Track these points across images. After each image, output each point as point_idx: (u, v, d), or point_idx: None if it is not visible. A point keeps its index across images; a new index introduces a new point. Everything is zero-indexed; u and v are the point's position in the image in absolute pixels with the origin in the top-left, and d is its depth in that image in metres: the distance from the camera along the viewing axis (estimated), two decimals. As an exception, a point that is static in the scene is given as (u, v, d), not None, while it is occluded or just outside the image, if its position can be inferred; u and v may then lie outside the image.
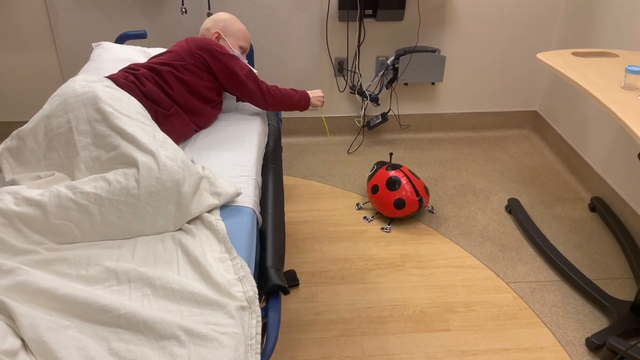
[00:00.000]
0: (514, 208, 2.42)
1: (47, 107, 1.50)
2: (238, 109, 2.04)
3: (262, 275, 1.36)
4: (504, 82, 3.05)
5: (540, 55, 1.96)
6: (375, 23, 2.82)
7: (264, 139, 1.96)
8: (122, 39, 2.37)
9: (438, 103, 3.08)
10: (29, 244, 1.25)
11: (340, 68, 2.91)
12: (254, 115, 2.00)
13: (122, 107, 1.48)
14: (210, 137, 1.83)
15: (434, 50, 2.84)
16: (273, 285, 1.30)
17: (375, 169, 2.45)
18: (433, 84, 3.02)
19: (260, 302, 1.23)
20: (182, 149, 1.56)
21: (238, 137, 1.84)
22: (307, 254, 2.19)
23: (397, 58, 2.83)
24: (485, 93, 3.08)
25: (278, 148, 2.00)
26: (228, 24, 1.99)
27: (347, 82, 2.96)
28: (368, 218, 2.40)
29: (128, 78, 1.67)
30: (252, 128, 1.91)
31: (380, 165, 2.45)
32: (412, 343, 1.79)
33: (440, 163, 2.86)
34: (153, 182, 1.32)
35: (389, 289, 2.01)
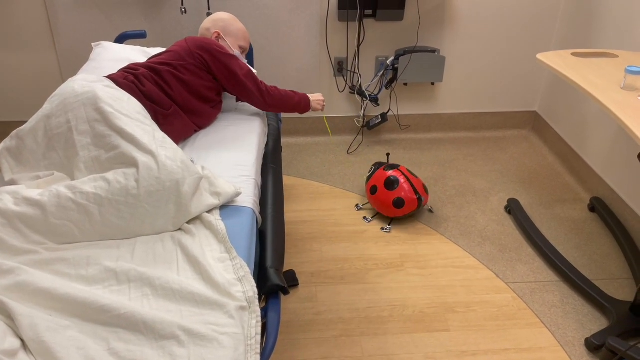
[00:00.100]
0: (514, 208, 2.42)
1: (46, 106, 1.50)
2: (238, 109, 2.04)
3: (261, 276, 1.36)
4: (504, 82, 3.05)
5: (540, 56, 1.96)
6: (375, 23, 2.82)
7: (264, 139, 1.96)
8: (121, 39, 2.37)
9: (438, 103, 3.08)
10: (29, 244, 1.25)
11: (340, 68, 2.91)
12: (254, 115, 2.00)
13: (121, 107, 1.48)
14: (210, 137, 1.83)
15: (434, 51, 2.84)
16: (273, 286, 1.30)
17: (373, 170, 2.46)
18: (433, 84, 3.02)
19: (260, 302, 1.23)
20: (181, 149, 1.56)
21: (238, 137, 1.84)
22: (306, 254, 2.19)
23: (396, 58, 2.83)
24: (485, 93, 3.08)
25: (278, 148, 2.00)
26: (228, 24, 1.99)
27: (346, 82, 2.96)
28: (368, 218, 2.40)
29: (128, 78, 1.67)
30: (251, 128, 1.91)
31: (378, 166, 2.45)
32: (411, 343, 1.79)
33: (440, 163, 2.86)
34: (153, 182, 1.32)
35: (389, 289, 2.01)
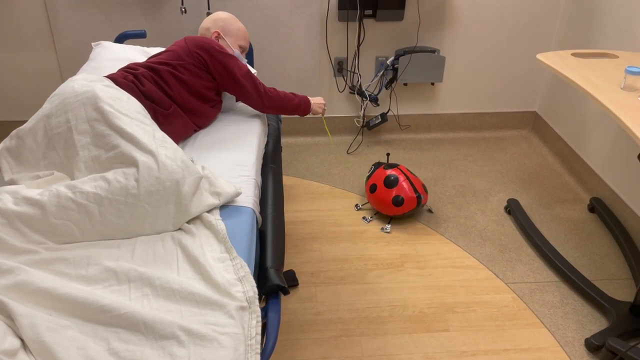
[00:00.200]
0: (514, 209, 2.42)
1: (46, 106, 1.50)
2: (238, 109, 2.04)
3: (261, 275, 1.36)
4: (504, 82, 3.05)
5: (540, 56, 1.96)
6: (375, 23, 2.82)
7: (264, 139, 1.96)
8: (121, 39, 2.37)
9: (437, 103, 3.08)
10: (29, 244, 1.25)
11: (340, 68, 2.91)
12: (254, 115, 2.00)
13: (121, 106, 1.48)
14: (210, 137, 1.83)
15: (434, 51, 2.84)
16: (273, 286, 1.30)
17: (373, 170, 2.46)
18: (433, 85, 3.02)
19: (260, 302, 1.23)
20: (181, 149, 1.55)
21: (238, 137, 1.84)
22: (306, 254, 2.19)
23: (396, 58, 2.83)
24: (485, 93, 3.08)
25: (278, 148, 2.00)
26: (227, 23, 1.98)
27: (346, 82, 2.96)
28: (367, 218, 2.40)
29: (127, 77, 1.67)
30: (251, 128, 1.90)
31: (378, 166, 2.45)
32: (411, 343, 1.79)
33: (440, 163, 2.86)
34: (153, 181, 1.32)
35: (388, 289, 2.01)
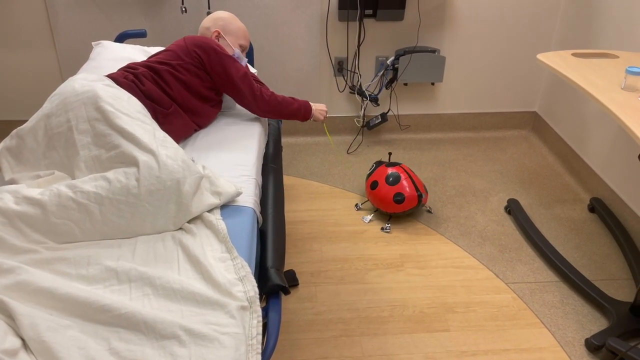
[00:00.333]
0: (514, 209, 2.42)
1: (46, 106, 1.50)
2: (238, 109, 2.04)
3: (262, 275, 1.36)
4: (504, 82, 3.05)
5: (541, 56, 1.96)
6: (375, 23, 2.82)
7: (264, 139, 1.96)
8: (121, 38, 2.36)
9: (438, 103, 3.08)
10: (29, 243, 1.25)
11: (340, 68, 2.91)
12: (254, 115, 2.00)
13: (122, 106, 1.48)
14: (211, 136, 1.83)
15: (434, 51, 2.84)
16: (273, 285, 1.30)
17: (374, 167, 2.45)
18: (433, 84, 3.02)
19: (261, 302, 1.22)
20: (182, 149, 1.55)
21: (238, 136, 1.83)
22: (306, 254, 2.19)
23: (397, 58, 2.83)
24: (485, 93, 3.08)
25: (278, 148, 2.00)
26: (227, 23, 1.98)
27: (346, 82, 2.96)
28: (367, 218, 2.40)
29: (127, 77, 1.67)
30: (252, 128, 1.90)
31: (380, 164, 2.45)
32: (411, 343, 1.79)
33: (440, 163, 2.86)
34: (153, 181, 1.32)
35: (389, 289, 2.01)
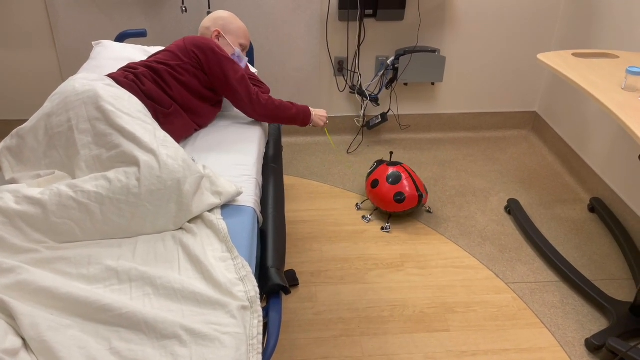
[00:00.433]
0: (514, 209, 2.42)
1: (47, 105, 1.49)
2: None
3: (262, 275, 1.36)
4: (504, 82, 3.05)
5: (541, 56, 1.96)
6: (376, 23, 2.82)
7: (265, 139, 1.96)
8: (122, 37, 2.36)
9: (438, 103, 3.08)
10: (30, 243, 1.25)
11: (340, 68, 2.91)
12: (255, 115, 2.00)
13: (122, 105, 1.48)
14: (211, 137, 1.83)
15: (434, 51, 2.84)
16: (274, 285, 1.30)
17: (375, 166, 2.45)
18: (433, 84, 3.02)
19: (261, 301, 1.22)
20: (182, 149, 1.55)
21: (239, 136, 1.83)
22: (306, 254, 2.19)
23: (397, 58, 2.83)
24: (485, 93, 3.08)
25: (278, 148, 2.00)
26: (227, 22, 1.98)
27: (347, 81, 2.96)
28: (367, 217, 2.40)
29: (128, 77, 1.67)
30: (252, 128, 1.90)
31: (380, 163, 2.45)
32: (411, 343, 1.79)
33: (440, 163, 2.86)
34: (154, 180, 1.32)
35: (389, 289, 2.01)
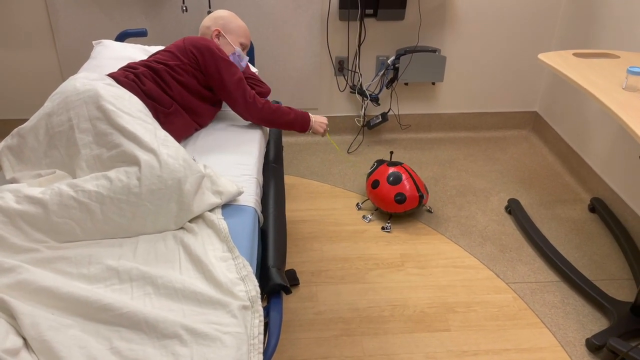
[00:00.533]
0: (514, 208, 2.42)
1: (48, 104, 1.49)
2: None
3: (263, 275, 1.36)
4: (504, 82, 3.05)
5: (542, 56, 1.96)
6: (376, 22, 2.82)
7: (265, 139, 1.96)
8: (122, 37, 2.36)
9: (438, 103, 3.08)
10: (30, 242, 1.25)
11: (341, 67, 2.91)
12: (255, 114, 2.00)
13: (123, 105, 1.48)
14: (212, 136, 1.82)
15: (435, 50, 2.84)
16: (275, 285, 1.30)
17: (376, 166, 2.45)
18: (433, 84, 3.02)
19: (262, 301, 1.22)
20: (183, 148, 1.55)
21: (239, 136, 1.83)
22: (306, 254, 2.19)
23: (397, 58, 2.82)
24: (485, 93, 3.08)
25: (279, 147, 1.99)
26: (228, 21, 1.98)
27: (347, 81, 2.96)
28: (367, 217, 2.40)
29: (128, 76, 1.67)
30: (253, 128, 1.90)
31: (381, 163, 2.45)
32: (412, 343, 1.79)
33: (440, 163, 2.86)
34: (155, 180, 1.32)
35: (389, 289, 2.01)
